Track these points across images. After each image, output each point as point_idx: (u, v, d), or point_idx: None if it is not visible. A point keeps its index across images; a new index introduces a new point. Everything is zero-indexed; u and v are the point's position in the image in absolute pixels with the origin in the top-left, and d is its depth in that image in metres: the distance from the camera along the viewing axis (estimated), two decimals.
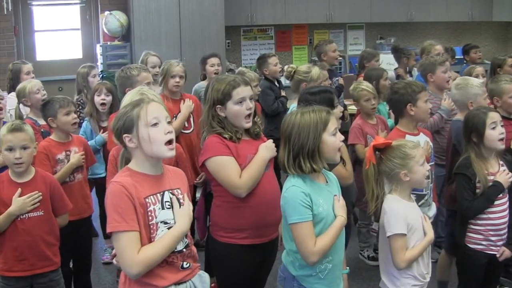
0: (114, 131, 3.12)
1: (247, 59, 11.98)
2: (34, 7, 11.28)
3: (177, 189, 3.17)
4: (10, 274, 4.07)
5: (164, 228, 3.03)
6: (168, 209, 3.07)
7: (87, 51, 11.47)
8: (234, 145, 3.83)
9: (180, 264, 3.10)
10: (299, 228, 3.27)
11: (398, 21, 12.54)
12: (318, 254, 3.27)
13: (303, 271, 3.40)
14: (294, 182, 3.34)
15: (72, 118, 4.85)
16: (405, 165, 3.63)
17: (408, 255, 3.59)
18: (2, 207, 3.99)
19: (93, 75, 6.88)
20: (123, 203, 2.91)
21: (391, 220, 3.61)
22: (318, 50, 8.10)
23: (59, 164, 4.78)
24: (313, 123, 3.33)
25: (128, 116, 3.04)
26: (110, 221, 2.92)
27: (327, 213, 3.34)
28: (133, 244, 2.90)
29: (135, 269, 2.90)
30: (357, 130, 5.77)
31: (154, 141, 3.01)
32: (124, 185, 2.94)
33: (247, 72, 6.41)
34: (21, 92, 5.65)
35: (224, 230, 3.94)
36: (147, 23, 10.21)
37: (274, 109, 7.19)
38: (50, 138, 4.90)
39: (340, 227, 3.37)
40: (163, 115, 3.07)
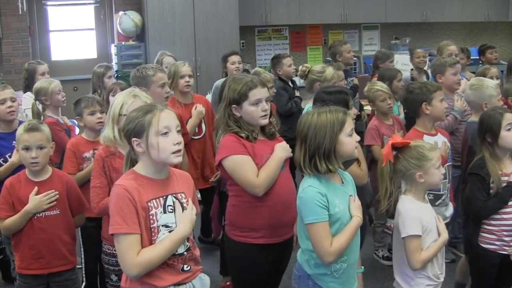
0: (124, 132, 3.16)
1: (262, 59, 11.98)
2: (49, 7, 11.32)
3: (181, 193, 3.20)
4: (27, 272, 4.10)
5: (165, 232, 3.07)
6: (171, 213, 3.11)
7: (101, 51, 11.50)
8: (250, 144, 3.83)
9: (180, 267, 3.13)
10: (316, 228, 3.27)
11: (413, 21, 12.52)
12: (334, 254, 3.27)
13: (318, 270, 3.40)
14: (310, 182, 3.34)
15: (96, 118, 4.85)
16: (421, 166, 3.61)
17: (423, 256, 3.57)
18: (19, 206, 4.02)
19: (109, 76, 6.89)
20: (125, 206, 2.96)
21: (406, 222, 3.59)
22: (333, 50, 8.09)
23: (85, 162, 4.80)
24: (330, 123, 3.32)
25: (140, 121, 3.06)
26: (112, 223, 2.98)
27: (343, 213, 3.34)
28: (133, 246, 2.96)
29: (134, 271, 2.97)
30: (374, 131, 5.74)
31: (163, 150, 3.04)
32: (127, 188, 2.99)
33: (263, 73, 6.40)
34: (42, 91, 5.62)
35: (239, 229, 3.94)
36: (161, 23, 10.23)
37: (288, 109, 7.18)
38: (81, 136, 4.94)
39: (356, 227, 3.36)
40: (174, 124, 3.10)
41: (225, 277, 5.59)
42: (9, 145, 4.74)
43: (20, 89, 6.78)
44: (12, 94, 4.93)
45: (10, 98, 4.87)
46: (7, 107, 4.83)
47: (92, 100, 4.96)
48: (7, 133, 4.86)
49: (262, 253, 3.91)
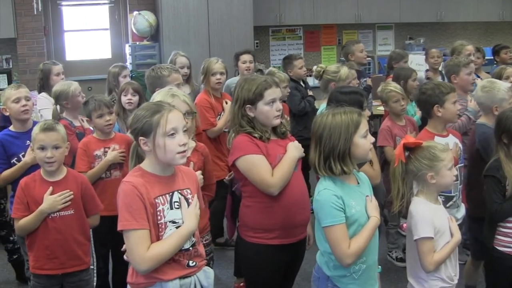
0: (131, 130, 3.21)
1: (276, 60, 11.96)
2: (64, 7, 11.36)
3: (187, 189, 3.24)
4: (41, 272, 4.12)
5: (172, 227, 3.11)
6: (177, 209, 3.15)
7: (116, 51, 11.53)
8: (263, 144, 3.84)
9: (186, 263, 3.19)
10: (333, 231, 3.27)
11: (427, 21, 12.47)
12: (353, 256, 3.26)
13: (337, 272, 3.40)
14: (325, 185, 3.33)
15: (104, 120, 4.87)
16: (432, 167, 3.60)
17: (436, 258, 3.56)
18: (34, 206, 4.04)
19: (124, 76, 6.91)
20: (134, 202, 3.01)
21: (418, 224, 3.58)
22: (345, 50, 8.09)
23: (96, 160, 4.83)
24: (345, 124, 3.32)
25: (148, 121, 3.09)
26: (121, 219, 3.03)
27: (360, 214, 3.33)
28: (143, 242, 3.01)
29: (144, 266, 3.02)
30: (386, 132, 5.73)
31: (169, 151, 3.07)
32: (135, 185, 3.03)
33: (277, 73, 6.42)
34: (63, 95, 5.55)
35: (253, 230, 3.94)
36: (175, 23, 10.24)
37: (301, 109, 7.18)
38: (92, 135, 4.98)
39: (373, 228, 3.36)
40: (181, 125, 3.13)
41: (239, 278, 5.60)
42: (23, 144, 4.76)
43: (35, 89, 6.79)
44: (27, 93, 4.95)
45: (24, 97, 4.89)
46: (21, 105, 4.84)
47: (99, 102, 4.94)
48: (21, 133, 4.87)
49: (276, 254, 3.91)
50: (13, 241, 5.81)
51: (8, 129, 4.97)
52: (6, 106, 4.88)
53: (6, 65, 10.85)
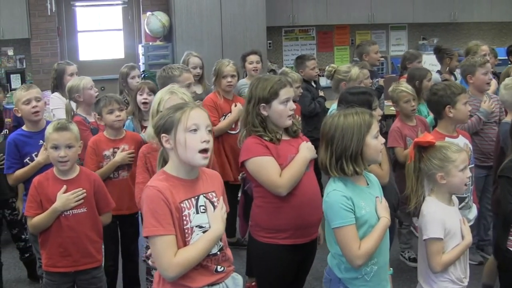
0: (154, 129, 3.17)
1: (288, 60, 11.95)
2: (77, 7, 11.41)
3: (212, 192, 3.18)
4: (54, 269, 4.13)
5: (199, 232, 3.05)
6: (203, 213, 3.09)
7: (129, 51, 11.57)
8: (274, 146, 3.84)
9: (214, 268, 3.12)
10: (343, 232, 3.26)
11: (441, 22, 12.43)
12: (363, 257, 3.25)
13: (348, 274, 3.39)
14: (335, 186, 3.33)
15: (114, 116, 4.91)
16: (442, 167, 3.57)
17: (444, 259, 3.54)
18: (47, 204, 4.05)
19: (132, 77, 6.94)
20: (159, 207, 2.94)
21: (428, 224, 3.56)
22: (360, 50, 8.06)
23: (105, 160, 4.86)
24: (357, 125, 3.31)
25: (170, 117, 3.06)
26: (147, 225, 2.95)
27: (370, 215, 3.32)
28: (170, 248, 2.93)
29: (172, 272, 2.94)
30: (396, 133, 5.70)
31: (189, 147, 3.01)
32: (160, 189, 2.96)
33: (290, 73, 6.42)
34: (74, 88, 5.65)
35: (265, 230, 3.94)
36: (188, 23, 10.26)
37: (311, 110, 7.17)
38: (102, 134, 4.99)
39: (384, 229, 3.34)
40: (204, 123, 3.07)
41: (250, 277, 5.59)
42: (36, 144, 4.77)
43: (49, 89, 6.82)
44: (37, 94, 4.94)
45: (34, 98, 4.89)
46: (31, 107, 4.85)
47: (110, 98, 5.01)
48: (33, 132, 4.88)
49: (288, 254, 3.90)
50: (24, 239, 5.84)
51: (21, 128, 4.99)
52: (18, 107, 4.90)
53: (20, 65, 10.91)
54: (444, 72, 8.11)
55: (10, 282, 6.03)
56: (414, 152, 3.64)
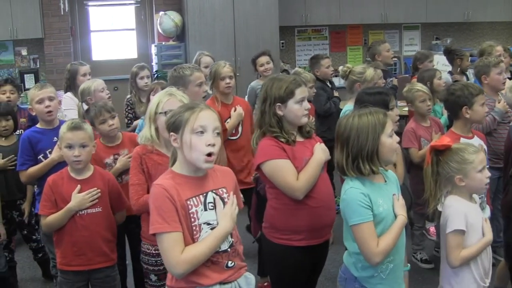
0: (166, 126, 3.18)
1: (301, 60, 11.97)
2: (90, 7, 11.46)
3: (222, 188, 3.19)
4: (68, 268, 4.15)
5: (207, 229, 3.06)
6: (211, 210, 3.10)
7: (142, 51, 11.60)
8: (290, 147, 3.82)
9: (225, 263, 3.12)
10: (361, 229, 3.25)
11: (454, 21, 12.41)
12: (381, 255, 3.24)
13: (365, 272, 3.38)
14: (352, 184, 3.32)
15: (107, 125, 4.79)
16: (460, 170, 3.55)
17: (463, 254, 3.51)
18: (62, 203, 4.07)
19: (141, 77, 6.94)
20: (165, 205, 2.96)
21: (450, 217, 3.53)
22: (371, 51, 8.05)
23: (107, 168, 4.75)
24: (372, 125, 3.30)
25: (180, 117, 3.07)
26: (153, 223, 2.97)
27: (387, 212, 3.31)
28: (176, 245, 2.95)
29: (179, 269, 2.95)
30: (410, 133, 5.68)
31: (194, 149, 3.02)
32: (165, 187, 2.99)
33: (303, 73, 6.40)
34: (86, 90, 5.69)
35: (280, 232, 3.92)
36: (201, 23, 10.27)
37: (327, 110, 7.15)
38: (100, 141, 4.86)
39: (401, 226, 3.33)
40: (212, 125, 3.06)
41: (262, 277, 5.59)
42: (50, 141, 4.78)
43: (62, 89, 6.85)
44: (51, 93, 4.92)
45: (48, 98, 4.87)
46: (45, 106, 4.84)
47: (99, 108, 4.86)
48: (47, 129, 4.88)
49: (303, 255, 3.89)
50: (36, 240, 5.86)
51: (36, 126, 4.99)
52: (32, 106, 4.91)
53: (33, 65, 10.98)
54: (456, 73, 8.08)
55: (24, 281, 6.06)
56: (431, 156, 3.62)
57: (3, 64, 10.90)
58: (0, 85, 6.50)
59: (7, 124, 5.56)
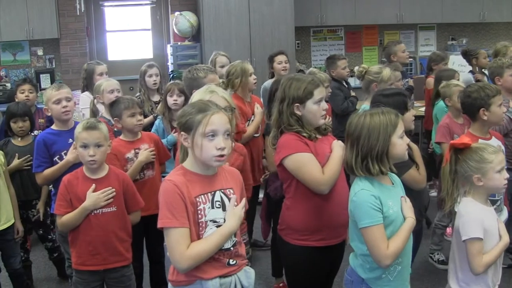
0: (177, 123, 3.22)
1: (317, 60, 11.95)
2: (106, 8, 11.50)
3: (230, 189, 3.22)
4: (83, 268, 4.17)
5: (213, 227, 3.10)
6: (218, 208, 3.14)
7: (157, 51, 11.63)
8: (312, 143, 3.82)
9: (226, 261, 3.17)
10: (371, 232, 3.23)
11: (470, 22, 12.32)
12: (392, 257, 3.23)
13: (373, 274, 3.37)
14: (362, 185, 3.31)
15: (136, 120, 4.89)
16: (479, 169, 3.52)
17: (485, 259, 3.47)
18: (76, 202, 4.09)
19: (150, 75, 6.95)
20: (174, 200, 3.00)
21: (466, 224, 3.50)
22: (387, 51, 8.05)
23: (128, 163, 4.85)
24: (383, 125, 3.30)
25: (191, 118, 3.09)
26: (161, 217, 3.03)
27: (397, 215, 3.31)
28: (183, 240, 3.00)
29: (184, 264, 3.01)
30: (444, 128, 5.65)
31: (205, 152, 3.06)
32: (176, 183, 3.03)
33: (318, 73, 6.37)
34: (97, 89, 5.76)
35: (298, 233, 3.90)
36: (217, 23, 10.26)
37: (344, 109, 7.13)
38: (119, 138, 4.96)
39: (410, 229, 3.33)
40: (223, 128, 3.09)
41: (277, 278, 5.59)
42: (65, 142, 4.77)
43: (78, 88, 6.87)
44: (67, 94, 4.93)
45: (65, 98, 4.87)
46: (62, 107, 4.84)
47: (131, 101, 4.98)
48: (63, 131, 4.88)
49: (322, 255, 3.89)
50: (51, 239, 5.89)
51: (51, 127, 5.00)
52: (48, 107, 4.91)
53: (49, 65, 11.02)
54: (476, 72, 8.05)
55: (40, 281, 6.09)
56: (450, 154, 3.59)
57: (19, 64, 10.96)
58: (19, 85, 6.56)
59: (24, 125, 5.58)
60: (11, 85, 10.31)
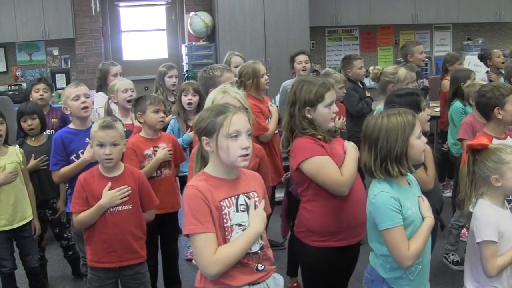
0: (195, 129, 3.17)
1: (332, 60, 11.94)
2: (121, 8, 11.54)
3: (253, 192, 3.19)
4: (99, 265, 4.19)
5: (238, 230, 3.05)
6: (243, 211, 3.09)
7: (172, 51, 11.66)
8: (327, 145, 3.81)
9: (255, 266, 3.11)
10: (392, 234, 3.22)
11: (486, 22, 12.26)
12: (413, 258, 3.22)
13: (393, 274, 3.36)
14: (381, 188, 3.29)
15: (159, 116, 4.95)
16: (497, 170, 3.47)
17: (499, 262, 3.44)
18: (92, 200, 4.11)
19: (170, 76, 6.98)
20: (199, 206, 2.95)
21: (481, 227, 3.47)
22: (404, 51, 8.01)
23: (146, 159, 4.90)
24: (401, 126, 3.28)
25: (212, 121, 3.06)
26: (187, 224, 2.97)
27: (415, 215, 3.29)
28: (210, 245, 2.94)
29: (213, 269, 2.94)
30: (468, 126, 5.58)
31: (231, 153, 3.02)
32: (199, 189, 2.98)
33: (333, 73, 6.36)
34: (111, 89, 5.80)
35: (318, 235, 3.89)
36: (231, 23, 10.27)
37: (359, 110, 7.10)
38: (139, 135, 5.02)
39: (429, 228, 3.31)
40: (245, 128, 3.07)
41: (292, 278, 5.58)
42: (82, 141, 4.79)
43: (93, 88, 6.89)
44: (86, 91, 4.97)
45: (83, 95, 4.91)
46: (81, 102, 4.87)
47: (158, 99, 5.06)
48: (80, 130, 4.90)
49: (341, 255, 3.88)
50: (67, 238, 5.91)
51: (68, 126, 5.02)
52: (66, 105, 4.93)
53: (64, 65, 11.09)
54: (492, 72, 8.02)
55: (54, 279, 6.12)
56: (468, 156, 3.57)
57: (35, 64, 11.04)
58: (34, 84, 6.58)
59: (33, 123, 5.58)
60: (27, 85, 10.37)
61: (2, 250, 5.06)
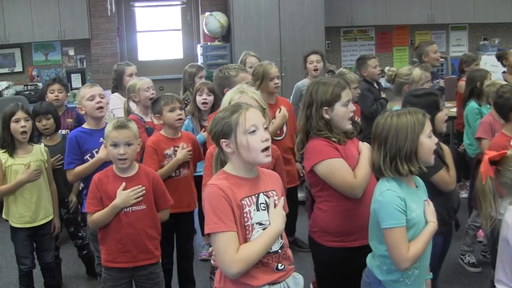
0: (211, 134, 3.15)
1: (347, 60, 11.91)
2: (137, 8, 11.58)
3: (272, 191, 3.18)
4: (113, 265, 4.21)
5: (259, 229, 3.04)
6: (263, 210, 3.08)
7: (187, 52, 11.68)
8: (342, 147, 3.81)
9: (275, 266, 3.09)
10: (393, 234, 3.21)
11: (502, 22, 12.18)
12: (411, 260, 3.21)
13: (390, 276, 3.35)
14: (389, 186, 3.28)
15: (176, 114, 4.97)
16: None
17: None
18: (107, 200, 4.12)
19: (200, 77, 6.95)
20: (220, 204, 2.94)
21: None
22: (418, 51, 7.98)
23: (166, 159, 4.93)
24: (411, 125, 3.27)
25: (227, 122, 3.05)
26: (208, 223, 2.95)
27: (419, 218, 3.28)
28: (232, 244, 2.92)
29: (235, 268, 2.92)
30: (487, 125, 5.58)
31: (252, 148, 3.01)
32: (221, 187, 2.97)
33: (348, 73, 6.34)
34: (131, 88, 5.80)
35: (333, 235, 3.90)
36: (247, 23, 10.27)
37: (373, 111, 7.08)
38: (160, 133, 5.06)
39: (431, 233, 3.30)
40: (261, 122, 3.08)
41: None
42: (96, 141, 4.82)
43: (108, 88, 6.91)
44: (101, 91, 5.00)
45: (98, 95, 4.93)
46: (96, 102, 4.89)
47: (171, 97, 5.07)
48: (94, 130, 4.92)
49: (356, 255, 3.84)
50: (81, 237, 5.95)
51: (82, 126, 5.05)
52: (81, 105, 4.95)
53: (80, 65, 11.13)
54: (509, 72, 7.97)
55: (69, 278, 6.14)
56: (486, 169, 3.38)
57: (51, 64, 11.08)
58: (49, 84, 6.61)
59: (47, 123, 5.61)
60: (43, 85, 10.40)
61: (23, 247, 5.12)
